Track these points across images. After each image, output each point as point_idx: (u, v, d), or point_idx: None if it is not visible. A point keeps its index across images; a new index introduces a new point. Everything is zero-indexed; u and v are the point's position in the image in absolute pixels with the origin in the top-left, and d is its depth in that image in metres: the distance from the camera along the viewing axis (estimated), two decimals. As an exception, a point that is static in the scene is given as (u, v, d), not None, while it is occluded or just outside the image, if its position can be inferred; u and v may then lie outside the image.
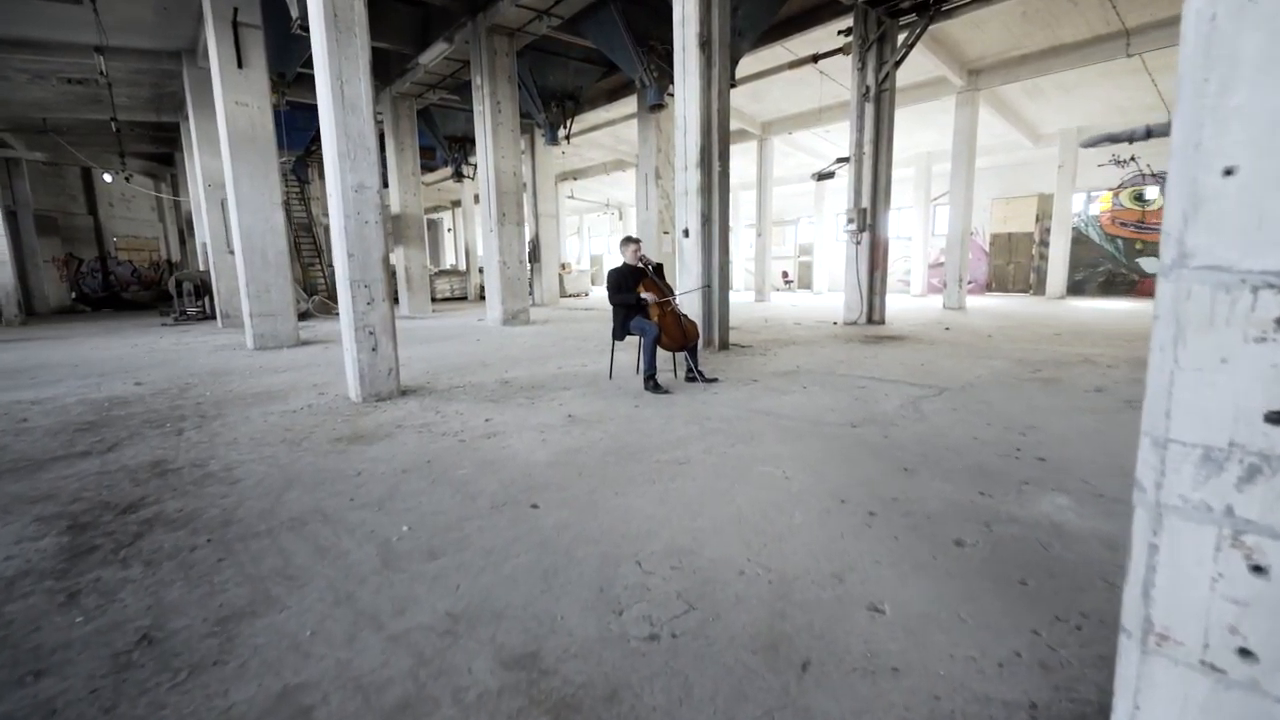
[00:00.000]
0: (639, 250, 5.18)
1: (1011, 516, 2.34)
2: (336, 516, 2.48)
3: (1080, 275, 16.49)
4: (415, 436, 3.67)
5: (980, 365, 5.74)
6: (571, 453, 3.27)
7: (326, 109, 4.45)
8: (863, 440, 3.39)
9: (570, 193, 24.45)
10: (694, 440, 3.46)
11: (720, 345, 7.03)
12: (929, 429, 3.60)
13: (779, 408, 4.20)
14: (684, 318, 5.09)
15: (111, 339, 9.81)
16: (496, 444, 3.47)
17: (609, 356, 5.63)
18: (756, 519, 2.36)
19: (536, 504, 2.57)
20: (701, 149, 6.67)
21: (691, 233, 6.84)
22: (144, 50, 10.78)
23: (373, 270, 4.63)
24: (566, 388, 5.07)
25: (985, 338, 7.88)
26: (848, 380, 5.12)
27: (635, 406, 4.33)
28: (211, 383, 5.61)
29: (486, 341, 8.52)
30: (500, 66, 10.05)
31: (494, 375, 5.75)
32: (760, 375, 5.44)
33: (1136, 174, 15.33)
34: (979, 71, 11.70)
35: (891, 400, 4.34)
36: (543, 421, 3.96)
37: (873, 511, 2.40)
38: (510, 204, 10.48)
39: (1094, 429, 3.54)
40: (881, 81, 9.24)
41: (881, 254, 9.76)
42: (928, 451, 3.16)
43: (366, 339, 4.64)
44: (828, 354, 6.65)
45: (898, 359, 6.20)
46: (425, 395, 4.88)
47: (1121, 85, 11.86)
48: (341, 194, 4.46)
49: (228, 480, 2.95)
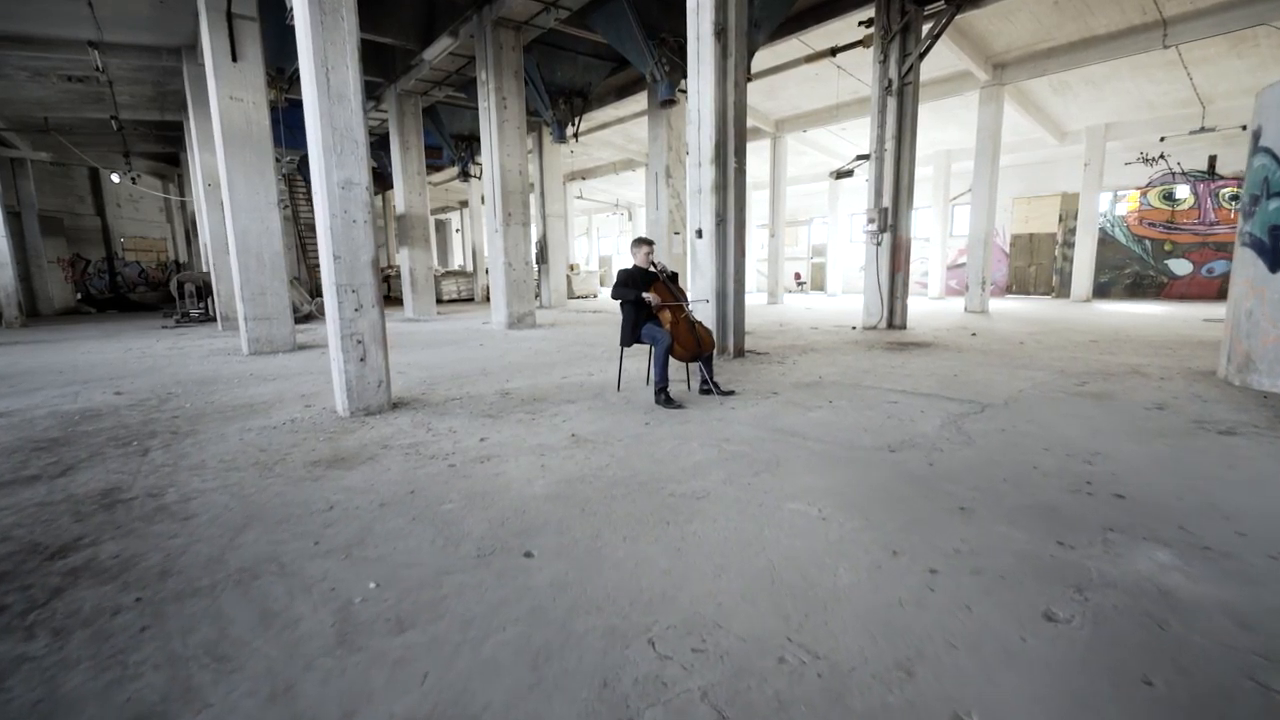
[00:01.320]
0: (651, 253, 4.79)
1: (1106, 578, 1.92)
2: (294, 566, 2.10)
3: (1105, 277, 15.90)
4: (401, 460, 3.29)
5: (1019, 377, 5.29)
6: (573, 483, 2.88)
7: (310, 98, 4.09)
8: (905, 469, 2.98)
9: (579, 192, 24.12)
10: (712, 468, 3.06)
11: (736, 352, 6.62)
12: (978, 455, 3.18)
13: (804, 427, 3.79)
14: (698, 325, 4.70)
15: (108, 343, 9.56)
16: (490, 470, 3.09)
17: (617, 364, 5.24)
18: (793, 577, 1.96)
19: (530, 551, 2.18)
20: (716, 144, 6.27)
21: (705, 233, 6.44)
22: (143, 46, 10.52)
23: (361, 274, 4.27)
24: (571, 400, 4.69)
25: (1017, 345, 7.41)
26: (877, 394, 4.70)
27: (645, 424, 3.94)
28: (195, 393, 5.28)
29: (490, 347, 8.16)
30: (506, 61, 9.70)
31: (494, 385, 5.38)
32: (780, 387, 5.03)
33: (1166, 172, 14.75)
34: (1004, 65, 11.21)
35: (929, 419, 3.92)
36: (543, 442, 3.57)
37: (934, 569, 1.99)
38: (516, 204, 10.12)
39: (1170, 457, 3.11)
40: (905, 75, 8.79)
41: (903, 256, 9.31)
42: (983, 484, 2.74)
43: (354, 348, 4.28)
44: (850, 363, 6.23)
45: (927, 369, 5.77)
46: (418, 409, 4.51)
47: (1154, 79, 11.33)
48: (327, 191, 4.10)
49: (181, 515, 2.58)
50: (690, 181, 6.59)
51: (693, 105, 6.45)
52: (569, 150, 18.65)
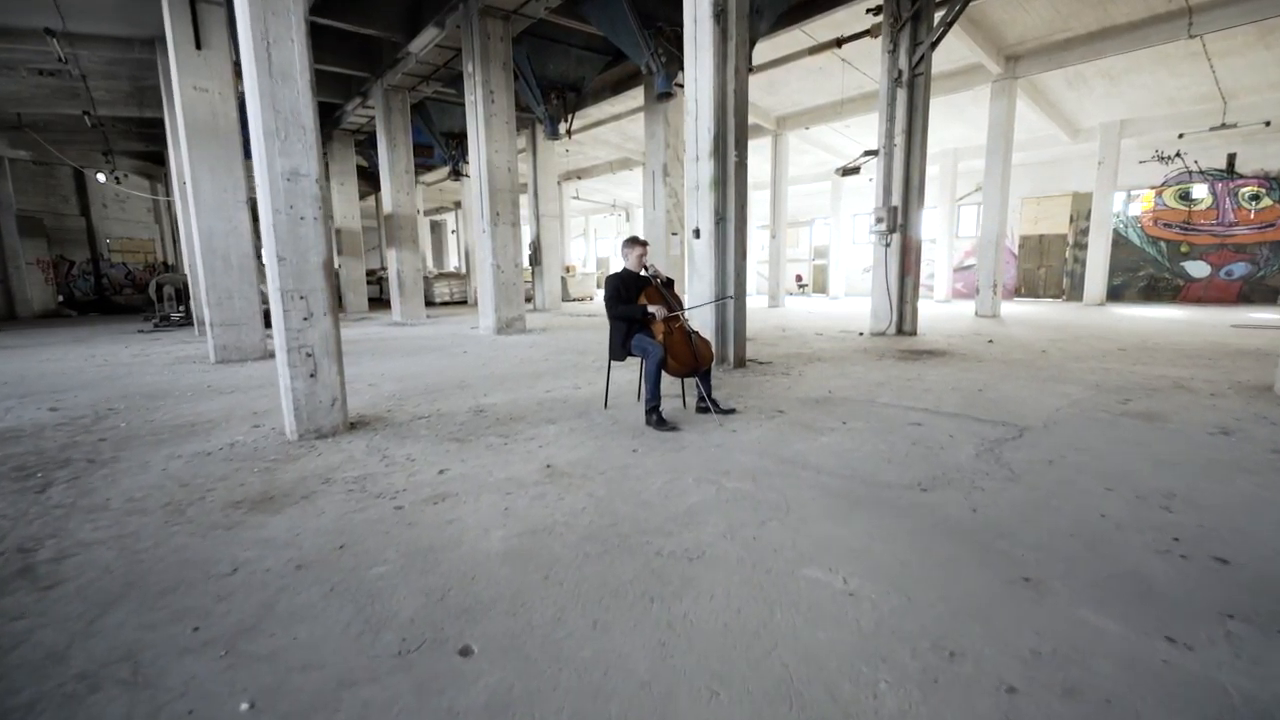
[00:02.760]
0: (645, 254, 4.27)
1: (1254, 703, 1.40)
2: (153, 670, 1.58)
3: (1119, 280, 15.38)
4: (341, 499, 2.77)
5: (1052, 392, 4.77)
6: (540, 534, 2.36)
7: (250, 77, 3.58)
8: (943, 516, 2.45)
9: (575, 193, 23.61)
10: (709, 513, 2.54)
11: (736, 362, 6.10)
12: (1029, 496, 2.65)
13: (817, 455, 3.26)
14: (694, 336, 4.17)
15: (74, 349, 9.03)
16: (442, 515, 2.57)
17: (606, 376, 4.72)
18: (818, 697, 1.44)
19: (468, 647, 1.66)
20: (715, 135, 5.75)
21: (703, 233, 5.92)
22: (113, 38, 10.00)
23: (310, 278, 3.76)
24: (552, 420, 4.17)
25: (1039, 353, 6.89)
26: (896, 413, 4.18)
27: (634, 451, 3.42)
28: (138, 409, 4.76)
29: (474, 354, 7.64)
30: (494, 52, 9.19)
31: (470, 400, 4.85)
32: (786, 403, 4.51)
33: (1182, 171, 14.23)
34: (1018, 58, 10.70)
35: (961, 446, 3.40)
36: (512, 475, 3.05)
37: (1011, 686, 1.46)
38: (505, 202, 9.61)
39: (1262, 500, 2.58)
40: (915, 65, 8.28)
41: (914, 257, 8.79)
42: (1045, 541, 2.22)
43: (303, 363, 3.76)
44: (862, 374, 5.71)
45: (947, 382, 5.25)
46: (378, 430, 3.99)
47: (1176, 72, 10.82)
48: (270, 183, 3.59)
49: (46, 581, 2.06)
50: (687, 177, 6.08)
51: (690, 94, 5.93)
52: (564, 149, 18.15)
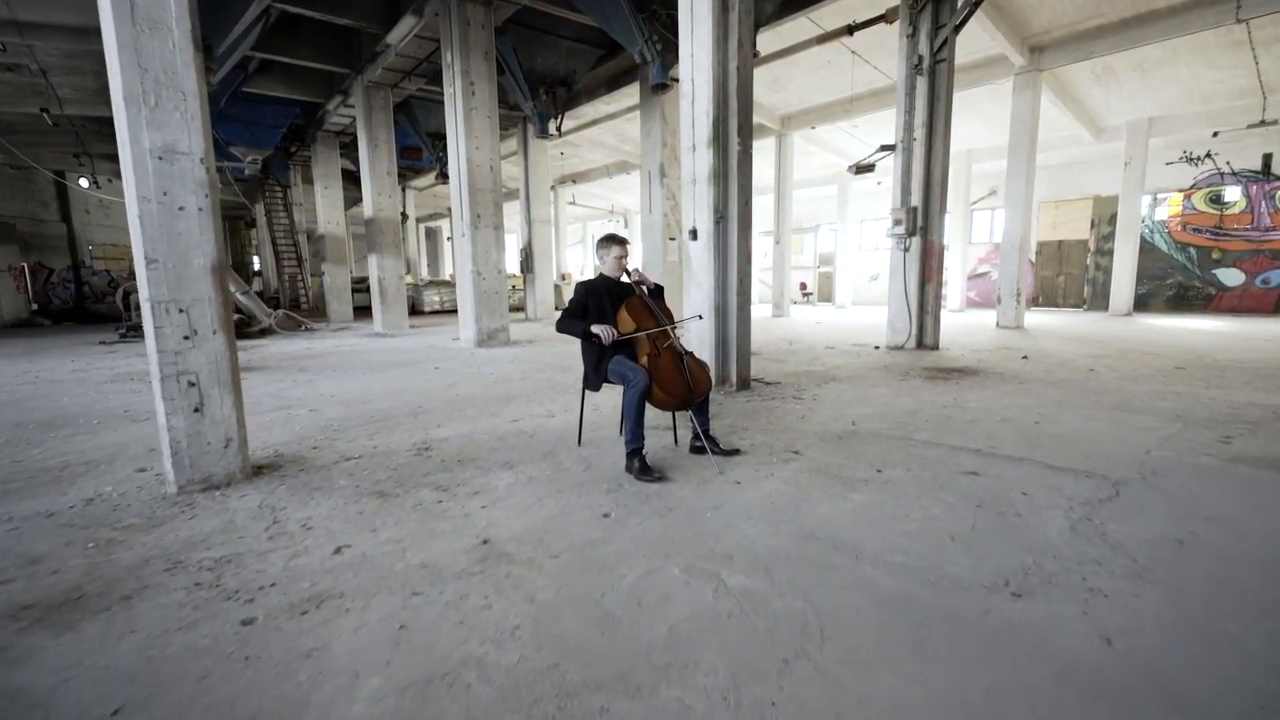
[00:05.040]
0: (625, 256, 3.44)
1: None
2: None
3: (1144, 288, 14.50)
4: (175, 602, 1.92)
5: (1128, 426, 3.91)
6: (435, 689, 1.50)
7: (107, 23, 2.79)
8: (1064, 654, 1.59)
9: (571, 198, 22.87)
10: (702, 643, 1.68)
11: (739, 384, 5.25)
12: (1179, 608, 1.79)
13: (852, 527, 2.41)
14: (688, 358, 3.33)
15: (15, 363, 8.21)
16: (303, 641, 1.72)
17: (582, 405, 3.87)
18: None
19: None
20: (715, 120, 4.94)
21: (701, 233, 5.09)
22: (67, 27, 9.26)
23: (193, 285, 2.93)
24: (509, 463, 3.32)
25: (1086, 372, 6.03)
26: (940, 455, 3.32)
27: (604, 516, 2.57)
28: (18, 442, 3.92)
29: (446, 370, 6.81)
30: (474, 40, 8.43)
31: (419, 433, 4.01)
32: (802, 439, 3.66)
33: (1213, 172, 13.40)
34: (1043, 48, 9.90)
35: (1043, 510, 2.54)
36: (431, 559, 2.20)
37: None
38: (486, 203, 8.81)
39: None
40: (937, 51, 7.48)
41: (935, 263, 7.96)
42: (1245, 711, 1.36)
43: (183, 394, 2.92)
44: (887, 399, 4.85)
45: (993, 410, 4.39)
46: (288, 478, 3.15)
47: (1214, 64, 10.01)
48: (134, 162, 2.77)
49: None
50: (684, 170, 5.26)
51: (685, 74, 5.13)
52: (559, 152, 17.42)
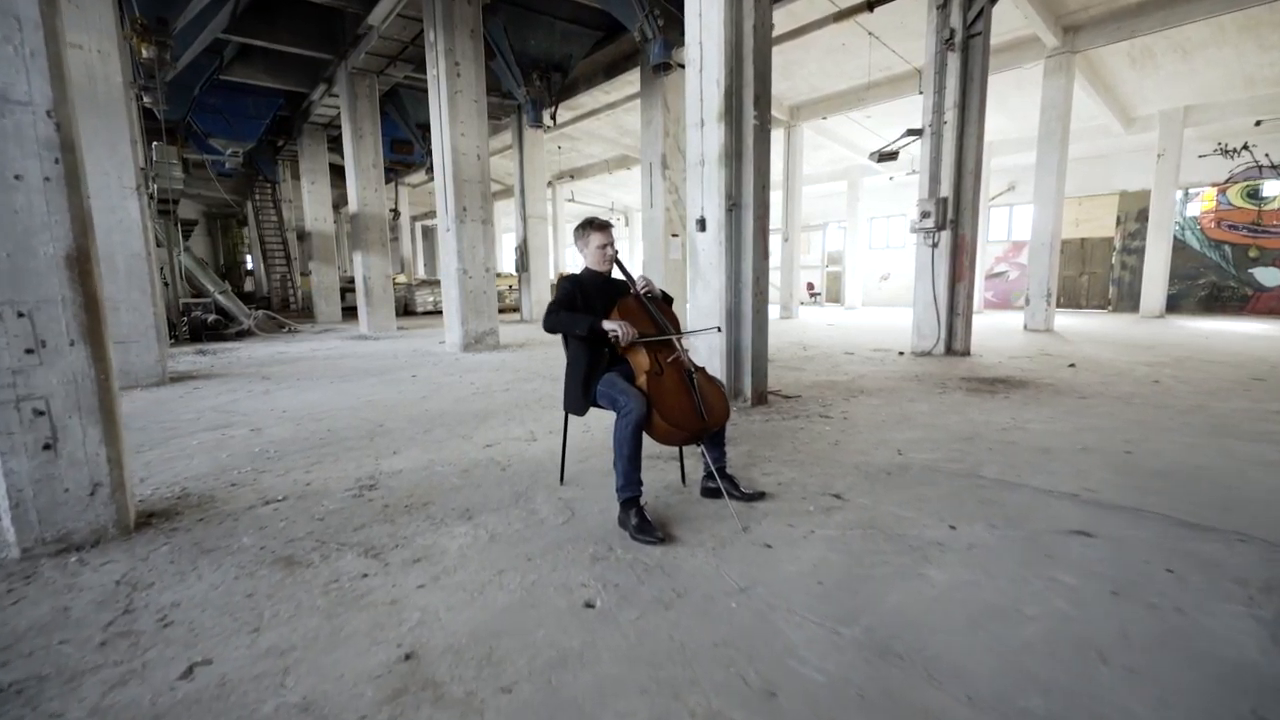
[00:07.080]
0: (608, 244, 2.69)
1: None
2: None
3: (1175, 289, 13.71)
4: (-124, 792, 1.19)
5: (1247, 460, 3.15)
6: None
7: (-94, -76, 2.04)
8: None
9: (570, 195, 22.15)
10: None
11: (755, 399, 4.50)
12: None
13: (943, 635, 1.66)
14: (697, 376, 2.57)
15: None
16: None
17: (575, 422, 3.12)
18: None
19: None
20: (726, 90, 4.19)
21: (710, 223, 4.35)
22: None
23: (38, 282, 2.19)
24: (469, 512, 2.58)
25: (1150, 383, 5.27)
26: (1027, 502, 2.57)
27: (587, 606, 1.82)
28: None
29: (423, 379, 6.07)
30: (460, 15, 7.70)
31: (366, 465, 3.27)
32: (841, 476, 2.91)
33: (1250, 165, 12.61)
34: (1078, 28, 9.14)
35: (1214, 606, 1.79)
36: (319, 692, 1.45)
37: None
38: (473, 195, 8.08)
39: None
40: (971, 24, 6.74)
41: (968, 260, 7.20)
42: None
43: (26, 427, 2.18)
44: (931, 418, 4.10)
45: (1064, 434, 3.63)
46: (176, 533, 2.41)
47: (1264, 44, 9.24)
48: (-54, 114, 2.04)
49: None
50: (690, 150, 4.52)
51: (692, 36, 4.38)
52: (556, 146, 16.70)
